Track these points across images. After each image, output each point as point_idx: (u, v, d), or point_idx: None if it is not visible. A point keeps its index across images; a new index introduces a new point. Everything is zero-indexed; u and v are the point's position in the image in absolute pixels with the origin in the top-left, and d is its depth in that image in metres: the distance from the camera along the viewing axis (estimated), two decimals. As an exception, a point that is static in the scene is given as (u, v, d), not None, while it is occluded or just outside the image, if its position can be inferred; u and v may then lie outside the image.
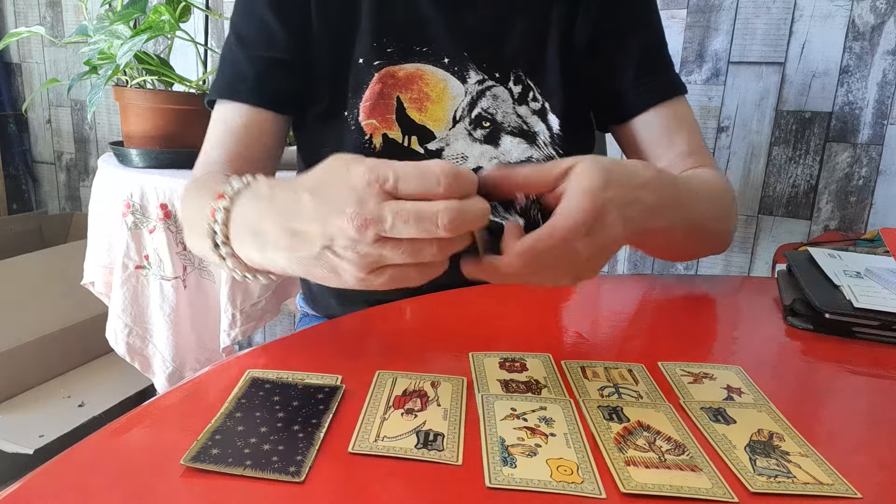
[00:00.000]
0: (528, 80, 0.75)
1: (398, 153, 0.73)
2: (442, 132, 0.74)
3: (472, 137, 0.74)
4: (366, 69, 0.73)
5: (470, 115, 0.74)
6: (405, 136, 0.74)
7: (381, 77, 0.73)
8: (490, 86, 0.75)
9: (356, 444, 0.38)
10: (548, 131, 0.75)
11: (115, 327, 1.23)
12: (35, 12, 2.33)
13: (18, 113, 2.45)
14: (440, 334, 0.56)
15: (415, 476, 0.35)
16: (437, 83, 0.74)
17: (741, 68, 1.55)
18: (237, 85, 0.72)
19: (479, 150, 0.74)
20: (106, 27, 1.23)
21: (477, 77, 0.74)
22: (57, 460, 0.36)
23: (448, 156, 0.74)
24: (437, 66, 0.74)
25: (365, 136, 0.73)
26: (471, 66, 0.74)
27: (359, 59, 0.73)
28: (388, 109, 0.73)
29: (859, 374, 0.52)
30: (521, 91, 0.75)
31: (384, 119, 0.73)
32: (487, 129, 0.74)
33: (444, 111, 0.74)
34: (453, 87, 0.74)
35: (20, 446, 1.44)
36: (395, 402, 0.43)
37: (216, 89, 0.74)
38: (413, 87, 0.73)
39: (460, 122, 0.74)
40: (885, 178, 1.49)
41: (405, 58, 0.73)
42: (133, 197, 1.19)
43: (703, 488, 0.35)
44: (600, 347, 0.55)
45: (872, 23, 1.43)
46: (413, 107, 0.73)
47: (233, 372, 0.46)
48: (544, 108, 0.75)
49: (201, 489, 0.34)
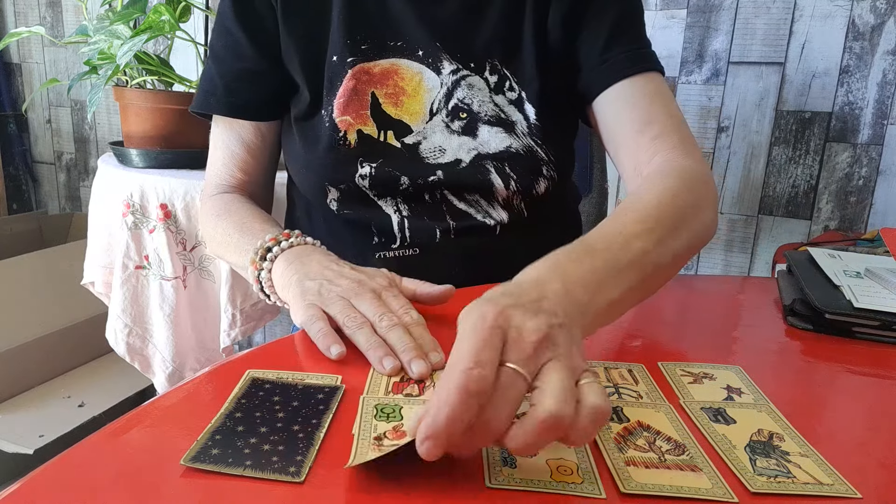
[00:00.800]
0: (504, 70, 0.75)
1: (373, 149, 0.73)
2: (419, 126, 0.74)
3: (450, 129, 0.74)
4: (339, 66, 0.73)
5: (447, 106, 0.74)
6: (381, 132, 0.74)
7: (354, 73, 0.73)
8: (465, 75, 0.74)
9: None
10: (525, 121, 0.75)
11: (115, 327, 1.23)
12: (35, 12, 2.33)
13: (18, 113, 2.45)
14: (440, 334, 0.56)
15: (415, 476, 0.35)
16: (412, 77, 0.74)
17: (741, 68, 1.55)
18: (209, 98, 0.78)
19: (457, 141, 0.74)
20: (106, 27, 1.22)
21: (451, 67, 0.74)
22: (57, 460, 0.36)
23: (426, 149, 0.74)
24: (411, 60, 0.74)
25: (339, 132, 0.73)
26: (444, 57, 0.74)
27: (332, 58, 0.74)
28: (362, 105, 0.73)
29: (859, 374, 0.52)
30: (498, 80, 0.75)
31: (358, 115, 0.73)
32: (465, 120, 0.74)
33: (420, 104, 0.74)
34: (428, 79, 0.74)
35: (20, 446, 1.44)
36: (393, 388, 0.45)
37: (195, 102, 0.80)
38: (388, 82, 0.74)
39: (437, 115, 0.74)
40: (885, 178, 1.49)
41: (379, 54, 0.74)
42: (133, 197, 1.19)
43: (703, 488, 0.35)
44: (600, 347, 0.55)
45: (872, 23, 1.43)
46: (388, 102, 0.73)
47: (233, 372, 0.46)
48: (521, 98, 0.75)
49: (201, 489, 0.34)
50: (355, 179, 0.73)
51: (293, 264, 0.61)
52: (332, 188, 0.75)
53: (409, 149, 0.74)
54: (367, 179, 0.73)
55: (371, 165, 0.73)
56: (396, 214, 0.75)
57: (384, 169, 0.73)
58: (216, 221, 0.76)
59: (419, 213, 0.75)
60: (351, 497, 0.34)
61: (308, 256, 0.61)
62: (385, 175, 0.73)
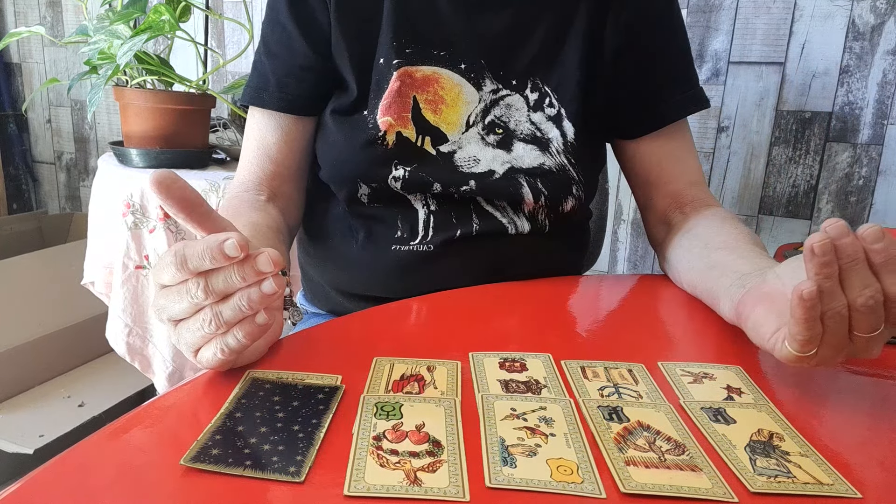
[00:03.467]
0: (546, 87, 0.75)
1: (410, 152, 0.73)
2: (455, 135, 0.74)
3: (485, 142, 0.74)
4: (385, 68, 0.74)
5: (483, 121, 0.74)
6: (419, 136, 0.74)
7: (399, 76, 0.73)
8: (504, 95, 0.75)
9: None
10: (561, 138, 0.75)
11: (115, 327, 1.23)
12: (35, 12, 2.33)
13: (18, 113, 2.46)
14: (440, 334, 0.56)
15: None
16: (452, 87, 0.74)
17: (741, 68, 1.55)
18: (261, 92, 0.77)
19: (491, 153, 0.74)
20: (106, 27, 1.23)
21: (492, 86, 0.74)
22: (57, 460, 0.36)
23: (460, 158, 0.74)
24: (453, 71, 0.74)
25: (379, 132, 0.73)
26: (487, 75, 0.74)
27: (379, 60, 0.74)
28: (404, 108, 0.73)
29: (859, 374, 0.52)
30: (538, 98, 0.75)
31: (400, 117, 0.73)
32: (500, 136, 0.74)
33: (457, 115, 0.74)
34: (468, 92, 0.74)
35: (20, 446, 1.44)
36: (393, 387, 0.45)
37: (245, 95, 0.79)
38: (429, 88, 0.74)
39: (473, 127, 0.74)
40: (885, 178, 1.49)
41: (423, 60, 0.74)
42: (133, 197, 1.19)
43: (703, 488, 0.35)
44: (600, 347, 0.55)
45: (872, 23, 1.43)
46: (428, 108, 0.74)
47: (233, 372, 0.46)
48: (560, 115, 0.75)
49: (201, 489, 0.34)
50: (388, 180, 0.73)
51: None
52: (364, 185, 0.75)
53: (444, 157, 0.74)
54: (399, 182, 0.73)
55: (405, 168, 0.73)
56: (424, 209, 0.75)
57: (418, 174, 0.73)
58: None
59: (447, 209, 0.75)
60: (351, 497, 0.34)
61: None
62: (418, 179, 0.73)
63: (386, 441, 0.38)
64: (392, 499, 0.34)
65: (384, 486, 0.34)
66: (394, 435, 0.39)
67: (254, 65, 0.80)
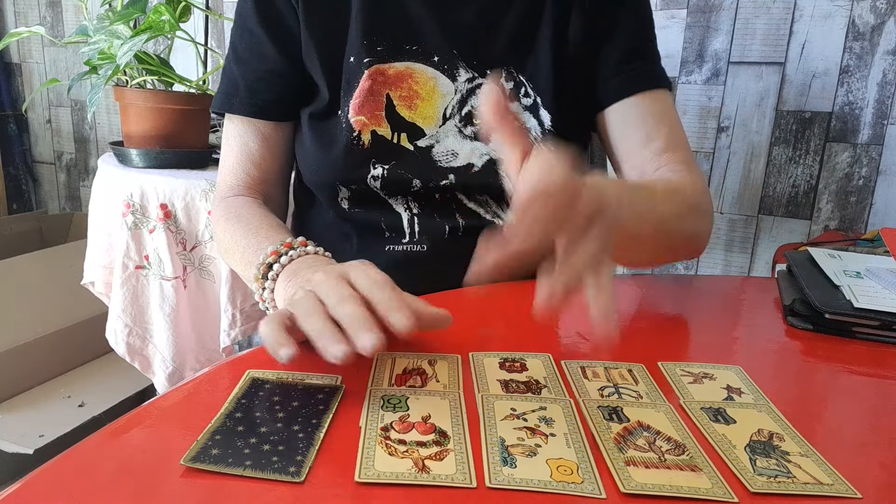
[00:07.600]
0: (520, 76, 0.75)
1: (387, 150, 0.73)
2: (432, 129, 0.74)
3: (463, 134, 0.74)
4: (356, 67, 0.73)
5: (460, 112, 0.74)
6: (394, 133, 0.74)
7: (370, 74, 0.73)
8: (480, 83, 0.74)
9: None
10: (539, 126, 0.75)
11: (115, 327, 1.23)
12: (35, 12, 2.33)
13: (18, 113, 2.46)
14: (440, 334, 0.56)
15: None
16: (426, 81, 0.74)
17: (741, 68, 1.55)
18: (231, 99, 0.78)
19: (469, 146, 0.74)
20: (106, 27, 1.22)
21: (467, 75, 0.74)
22: (57, 460, 0.36)
23: (438, 152, 0.74)
24: (426, 65, 0.74)
25: (354, 132, 0.73)
26: (460, 65, 0.74)
27: (350, 58, 0.74)
28: (377, 106, 0.73)
29: (859, 374, 0.52)
30: (513, 87, 0.75)
31: (373, 116, 0.73)
32: (478, 126, 0.74)
33: (433, 108, 0.74)
34: (443, 84, 0.74)
35: (20, 446, 1.44)
36: (396, 380, 0.45)
37: (215, 102, 0.79)
38: (402, 84, 0.74)
39: (450, 120, 0.74)
40: (885, 178, 1.49)
41: (395, 56, 0.74)
42: (133, 197, 1.19)
43: (703, 488, 0.35)
44: (600, 348, 0.55)
45: (872, 23, 1.43)
46: (403, 104, 0.74)
47: (233, 372, 0.46)
48: (536, 104, 0.75)
49: (201, 489, 0.34)
50: (367, 180, 0.73)
51: (291, 281, 0.59)
52: (344, 188, 0.75)
53: (422, 152, 0.74)
54: (378, 181, 0.73)
55: (383, 167, 0.73)
56: (407, 212, 0.75)
57: (396, 171, 0.73)
58: (225, 226, 0.75)
59: (429, 211, 0.75)
60: (351, 497, 0.34)
61: (307, 269, 0.59)
62: (397, 177, 0.73)
63: (393, 431, 0.39)
64: (401, 485, 0.34)
65: (394, 473, 0.35)
66: (401, 426, 0.39)
67: (223, 71, 0.80)
